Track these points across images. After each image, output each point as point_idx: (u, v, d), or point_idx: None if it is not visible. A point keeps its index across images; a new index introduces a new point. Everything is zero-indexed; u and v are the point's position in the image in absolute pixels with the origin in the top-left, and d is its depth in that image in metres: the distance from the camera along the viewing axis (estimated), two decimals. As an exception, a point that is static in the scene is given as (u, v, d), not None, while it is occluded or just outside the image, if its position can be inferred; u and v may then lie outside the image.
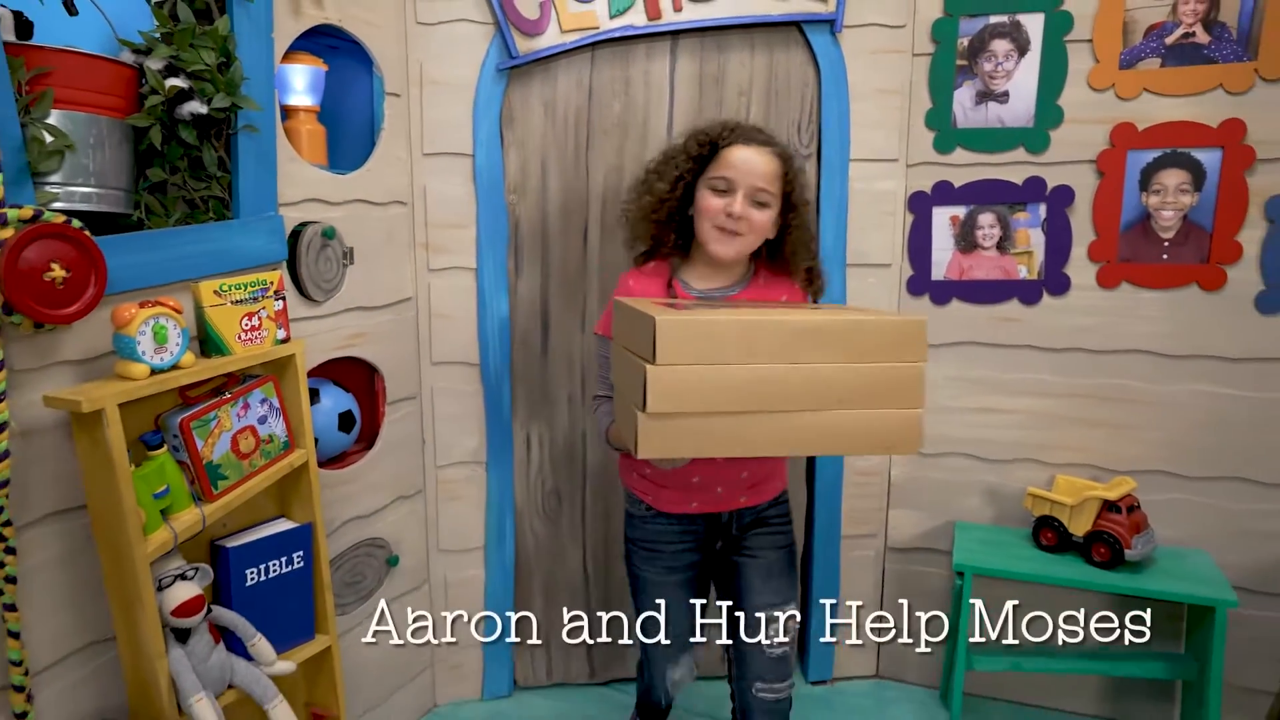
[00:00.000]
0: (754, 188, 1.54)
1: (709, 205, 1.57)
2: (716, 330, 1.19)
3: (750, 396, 1.20)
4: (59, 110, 1.35)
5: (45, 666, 1.36)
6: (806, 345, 1.21)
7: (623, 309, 1.40)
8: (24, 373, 1.29)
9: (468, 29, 2.03)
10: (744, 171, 1.54)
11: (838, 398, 1.22)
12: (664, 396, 1.17)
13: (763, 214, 1.57)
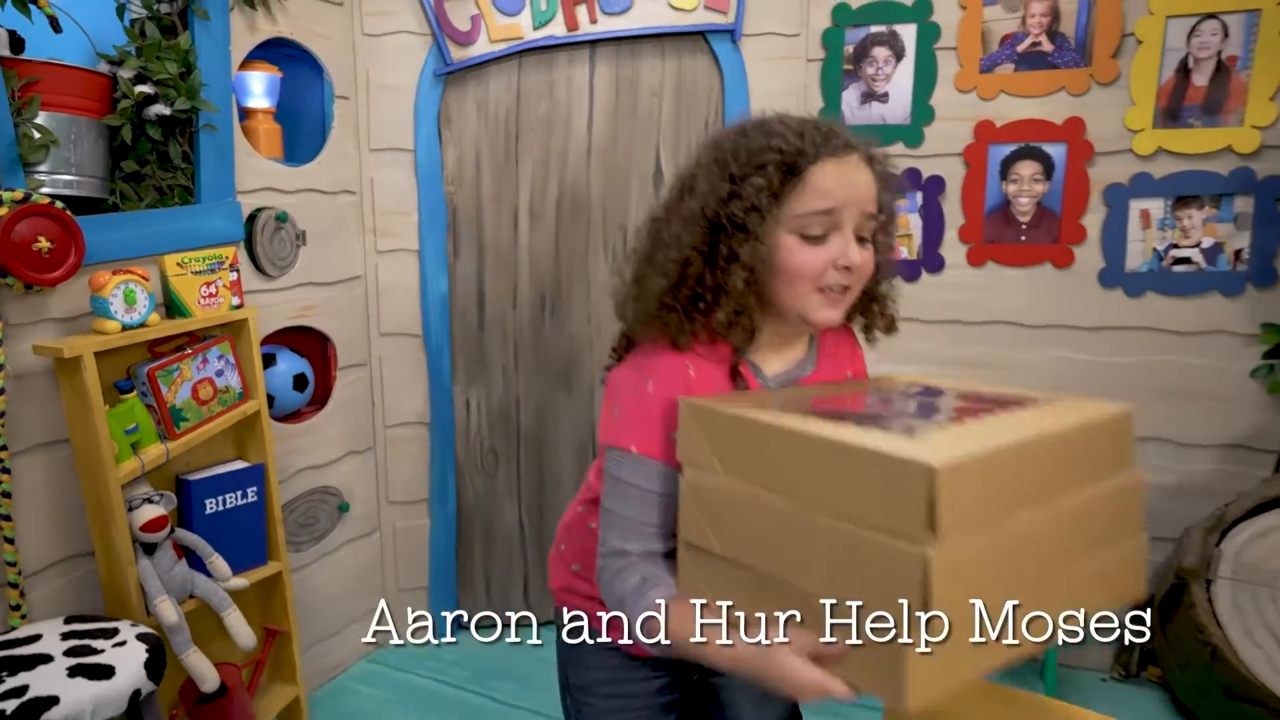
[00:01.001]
0: (862, 217, 0.98)
1: (806, 262, 0.96)
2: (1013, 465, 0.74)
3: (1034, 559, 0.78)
4: (45, 112, 1.64)
5: (35, 571, 1.65)
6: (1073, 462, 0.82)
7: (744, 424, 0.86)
8: (17, 326, 1.57)
9: (408, 39, 2.31)
10: (846, 195, 0.96)
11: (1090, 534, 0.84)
12: (957, 597, 0.70)
13: (869, 251, 1.00)
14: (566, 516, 1.24)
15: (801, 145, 0.94)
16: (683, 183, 1.02)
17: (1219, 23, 2.10)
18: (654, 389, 0.98)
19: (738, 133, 0.99)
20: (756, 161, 0.95)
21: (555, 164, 2.45)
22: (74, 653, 1.48)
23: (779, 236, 0.96)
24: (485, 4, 2.30)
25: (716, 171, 0.97)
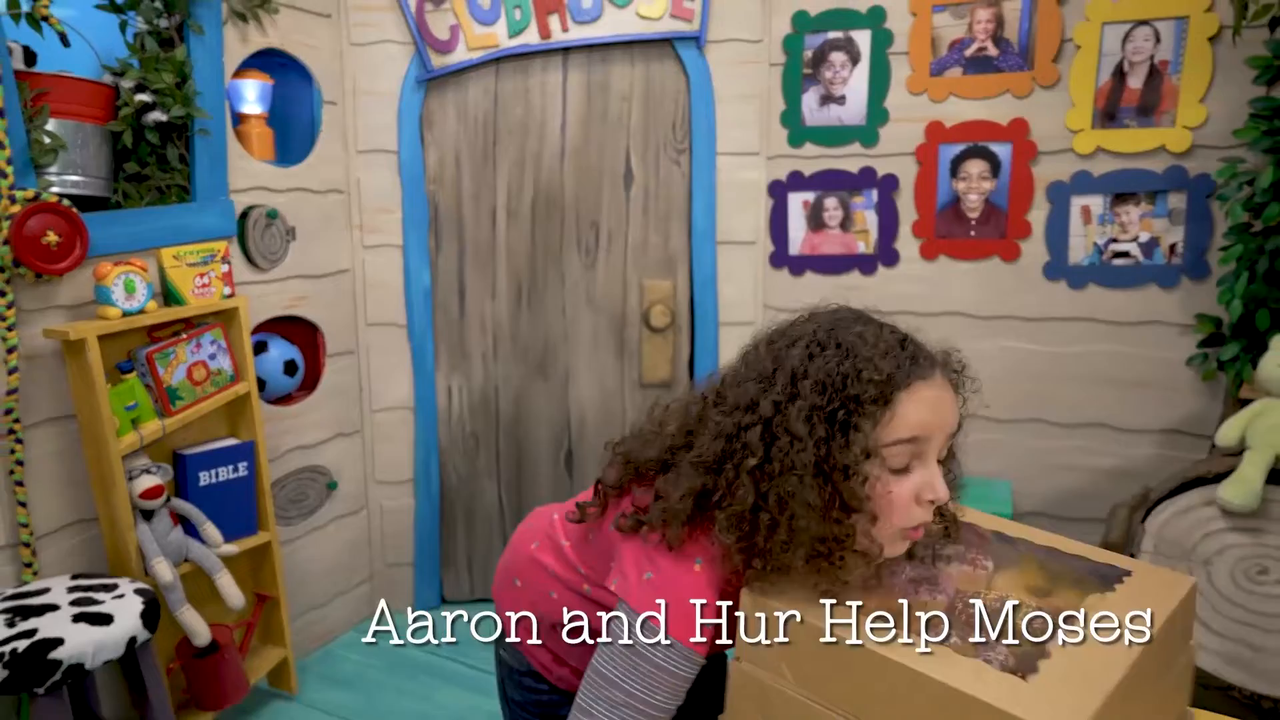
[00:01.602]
0: (950, 434, 0.94)
1: (897, 500, 0.88)
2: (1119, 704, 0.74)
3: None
4: (55, 119, 1.82)
5: (45, 533, 1.82)
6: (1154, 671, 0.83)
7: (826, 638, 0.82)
8: (29, 312, 1.75)
9: (392, 48, 2.48)
10: (937, 424, 0.90)
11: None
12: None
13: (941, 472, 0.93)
14: (521, 546, 1.18)
15: (893, 371, 0.87)
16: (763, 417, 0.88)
17: (1151, 29, 2.22)
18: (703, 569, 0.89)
19: (810, 353, 0.89)
20: (852, 394, 0.85)
21: (531, 165, 2.61)
22: (78, 603, 1.66)
23: (868, 468, 0.86)
24: (463, 14, 2.45)
25: (808, 409, 0.86)
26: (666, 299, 2.68)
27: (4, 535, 1.76)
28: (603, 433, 2.73)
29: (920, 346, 0.93)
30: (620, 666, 0.88)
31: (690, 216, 2.64)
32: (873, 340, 0.90)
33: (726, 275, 2.69)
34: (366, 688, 2.36)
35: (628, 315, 2.71)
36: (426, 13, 2.44)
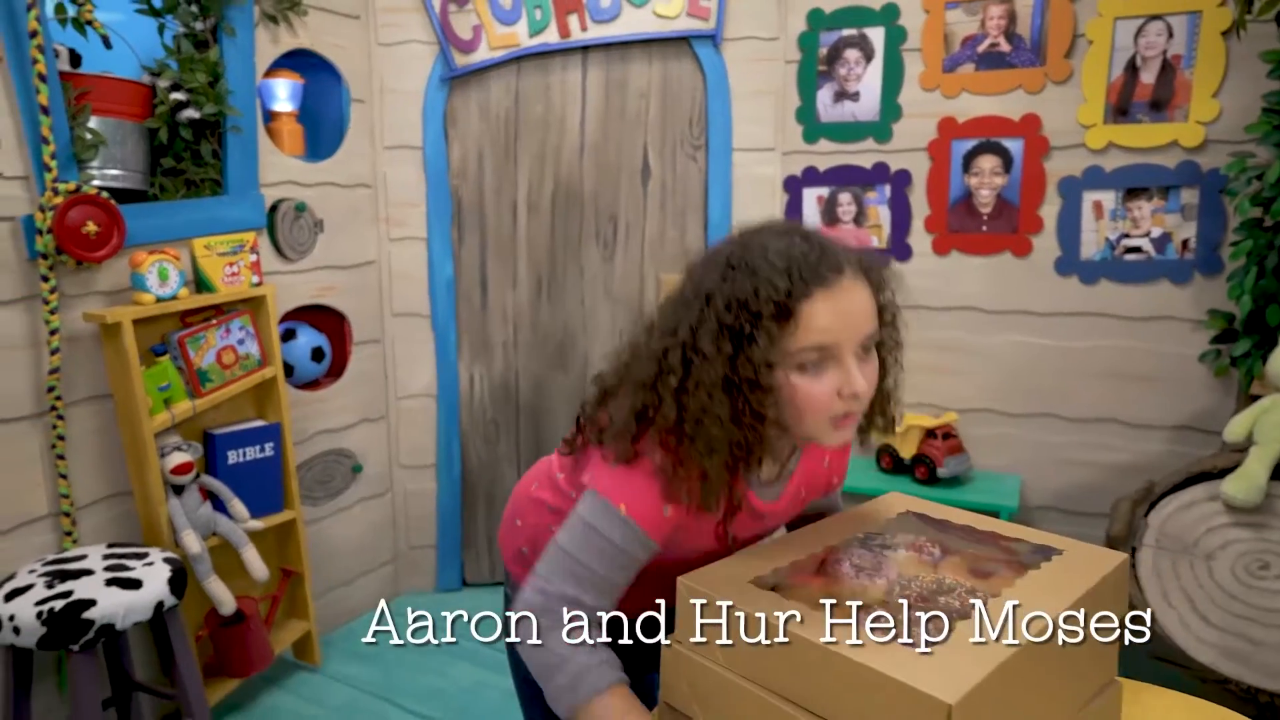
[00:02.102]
0: (864, 338, 0.95)
1: (812, 398, 0.94)
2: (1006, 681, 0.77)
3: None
4: (96, 116, 1.94)
5: (84, 505, 1.95)
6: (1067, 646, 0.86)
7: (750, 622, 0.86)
8: (70, 297, 1.87)
9: (418, 48, 2.57)
10: (843, 328, 0.93)
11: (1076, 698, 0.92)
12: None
13: (873, 363, 0.99)
14: (523, 489, 1.23)
15: (789, 283, 0.91)
16: (683, 341, 0.95)
17: (1164, 24, 2.22)
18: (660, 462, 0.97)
19: (723, 275, 0.94)
20: (751, 311, 0.91)
21: (551, 160, 2.68)
22: (111, 569, 1.77)
23: (783, 375, 0.93)
24: (485, 14, 2.54)
25: (713, 326, 0.93)
26: (682, 292, 2.73)
27: (46, 505, 1.88)
28: (618, 422, 2.80)
29: (827, 253, 0.94)
30: (578, 540, 0.97)
31: (706, 211, 2.70)
32: (775, 255, 0.93)
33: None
34: (385, 663, 2.45)
35: (644, 307, 2.77)
36: (450, 13, 2.53)
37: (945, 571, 0.97)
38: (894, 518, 1.13)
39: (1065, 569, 0.95)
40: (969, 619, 0.84)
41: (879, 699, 0.75)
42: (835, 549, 1.03)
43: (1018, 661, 0.78)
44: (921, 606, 0.88)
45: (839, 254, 0.95)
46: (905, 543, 1.07)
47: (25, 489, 1.85)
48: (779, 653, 0.83)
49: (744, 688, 0.86)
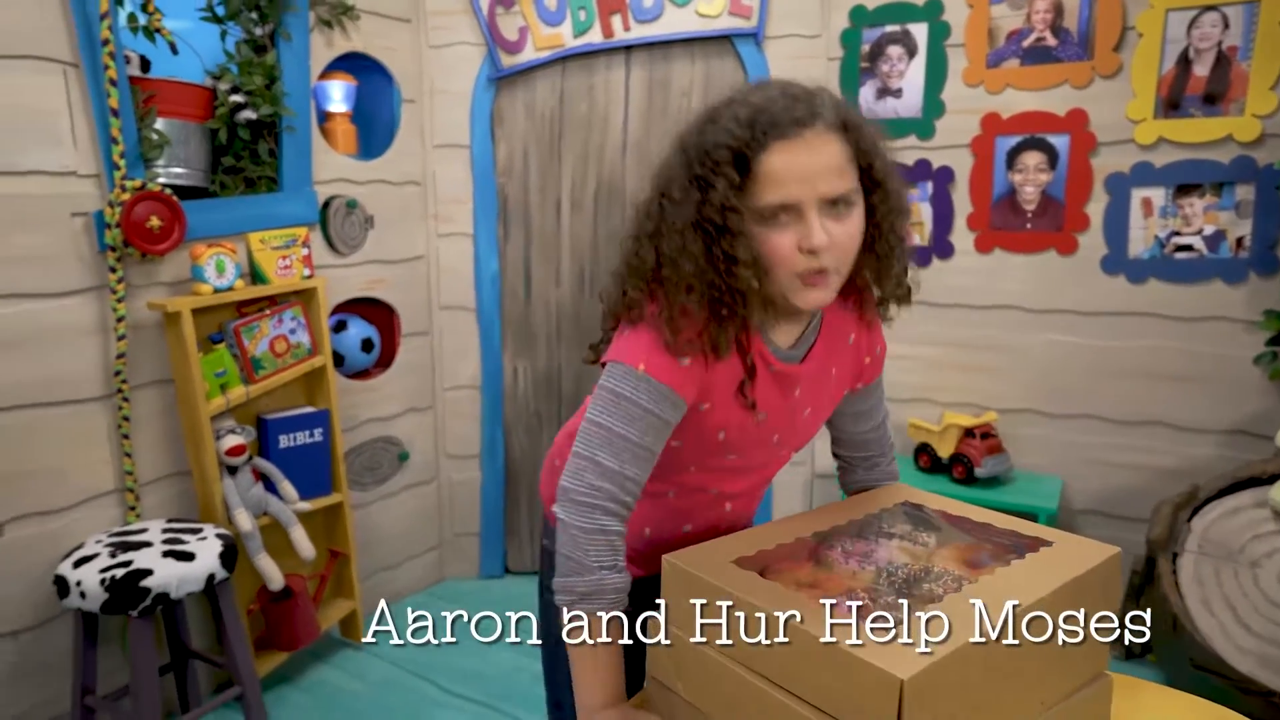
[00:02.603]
0: (825, 197, 0.93)
1: (775, 251, 0.94)
2: (966, 663, 0.78)
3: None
4: (162, 118, 2.06)
5: (146, 482, 2.08)
6: (1041, 630, 0.85)
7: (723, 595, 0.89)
8: (135, 287, 2.00)
9: (466, 50, 2.65)
10: (801, 181, 0.92)
11: (1054, 690, 0.91)
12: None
13: (849, 223, 0.95)
14: (562, 433, 1.23)
15: (750, 135, 0.91)
16: (660, 190, 0.98)
17: (1219, 14, 2.15)
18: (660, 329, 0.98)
19: (698, 127, 0.96)
20: (712, 160, 0.92)
21: (594, 158, 2.74)
22: (168, 542, 1.89)
23: (753, 230, 0.93)
24: (531, 16, 2.61)
25: (684, 175, 0.95)
26: (722, 288, 2.75)
27: (113, 481, 2.02)
28: (658, 416, 2.84)
29: (798, 104, 0.92)
30: (608, 410, 0.97)
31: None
32: (745, 106, 0.93)
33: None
34: (427, 644, 2.54)
35: (684, 303, 2.80)
36: (497, 15, 2.61)
37: (936, 560, 0.98)
38: (891, 507, 1.14)
39: (1052, 559, 0.95)
40: (939, 602, 0.85)
41: (840, 674, 0.77)
42: (828, 535, 1.05)
43: (985, 646, 0.79)
44: (904, 591, 0.90)
45: (814, 105, 0.93)
46: (900, 532, 1.09)
47: (94, 466, 1.98)
48: (752, 629, 0.86)
49: (722, 663, 0.89)
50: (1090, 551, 0.96)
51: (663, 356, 0.97)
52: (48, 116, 1.85)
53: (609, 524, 0.98)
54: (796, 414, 1.13)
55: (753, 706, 0.86)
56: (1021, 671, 0.86)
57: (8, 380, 1.82)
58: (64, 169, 1.88)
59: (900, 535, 1.08)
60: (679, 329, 0.97)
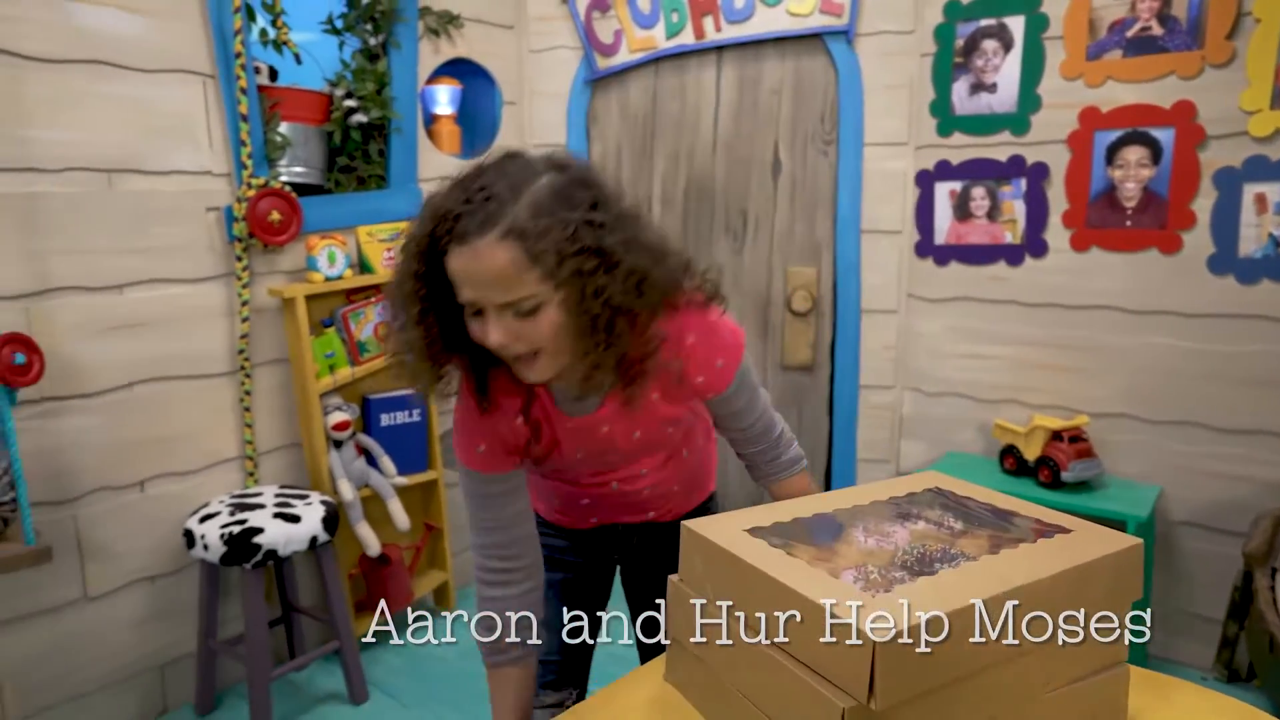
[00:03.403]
0: (500, 301, 0.96)
1: (475, 337, 1.01)
2: (953, 628, 0.80)
3: (973, 708, 0.86)
4: (285, 122, 2.27)
5: (264, 451, 2.30)
6: (1038, 615, 0.87)
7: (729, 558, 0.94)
8: (258, 275, 2.22)
9: (564, 54, 2.78)
10: (473, 287, 0.96)
11: (1054, 674, 0.91)
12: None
13: (540, 322, 0.97)
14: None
15: (433, 231, 0.96)
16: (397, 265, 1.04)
17: (1344, -2, 2.01)
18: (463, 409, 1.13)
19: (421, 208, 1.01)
20: (413, 249, 0.99)
21: (684, 156, 2.81)
22: (279, 506, 2.10)
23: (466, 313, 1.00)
24: (626, 19, 2.71)
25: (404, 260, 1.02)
26: (809, 285, 2.78)
27: (235, 449, 2.25)
28: (742, 410, 2.88)
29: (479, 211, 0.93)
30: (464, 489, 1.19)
31: (835, 205, 2.72)
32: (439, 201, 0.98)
33: (870, 263, 2.74)
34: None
35: (772, 299, 2.84)
36: (594, 20, 2.72)
37: (960, 545, 1.00)
38: (921, 492, 1.17)
39: (1064, 546, 0.96)
40: (933, 576, 0.89)
41: (823, 635, 0.80)
42: (852, 514, 1.09)
43: (970, 620, 0.81)
44: (913, 570, 0.94)
45: (489, 214, 0.93)
46: (928, 516, 1.12)
47: (220, 434, 2.21)
48: (749, 590, 0.91)
49: (724, 622, 0.94)
50: (1106, 541, 0.97)
51: (465, 448, 1.13)
52: (189, 122, 2.08)
53: (496, 592, 1.18)
54: (621, 439, 1.19)
55: (746, 661, 0.91)
56: (1019, 650, 0.88)
57: (151, 355, 2.07)
58: (200, 169, 2.11)
59: (927, 519, 1.10)
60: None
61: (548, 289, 0.96)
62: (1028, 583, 0.86)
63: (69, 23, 1.88)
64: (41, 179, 1.86)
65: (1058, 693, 0.93)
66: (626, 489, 1.27)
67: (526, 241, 0.93)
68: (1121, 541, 0.96)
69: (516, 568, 1.17)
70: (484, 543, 1.16)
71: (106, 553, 2.03)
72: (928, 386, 2.72)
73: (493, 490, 1.14)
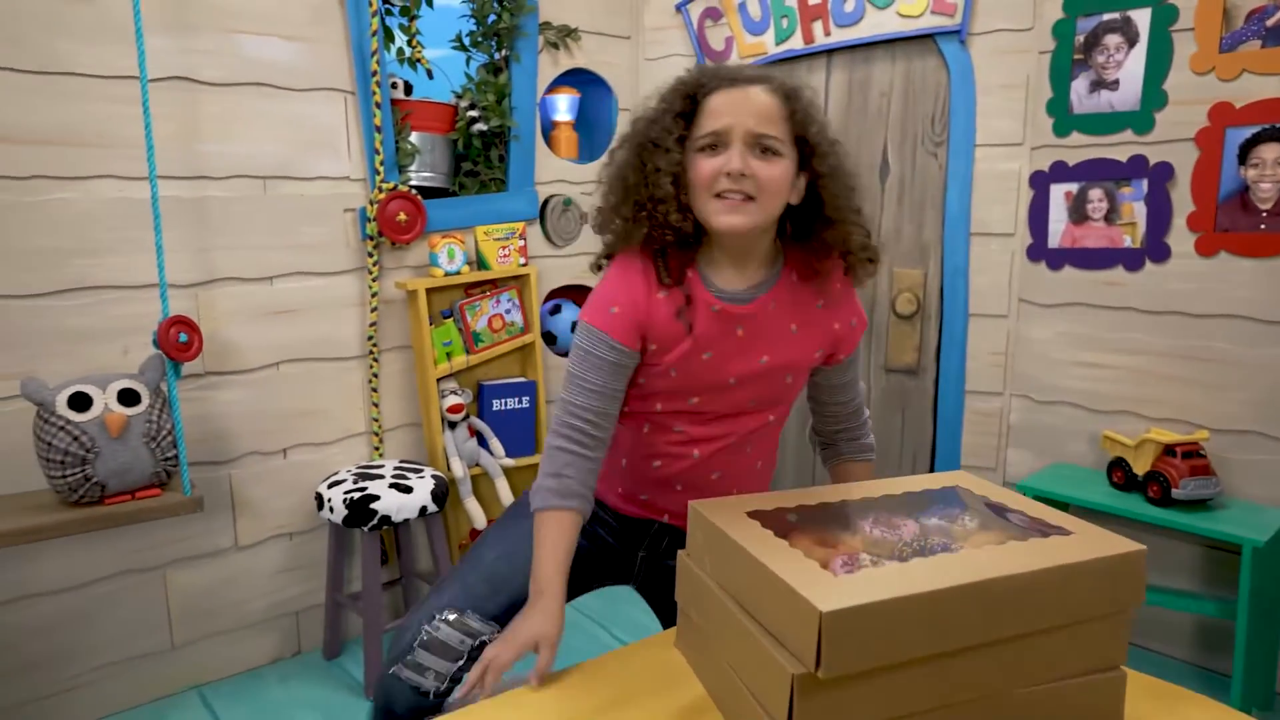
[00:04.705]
0: (752, 133, 1.11)
1: (700, 172, 1.13)
2: (907, 612, 0.84)
3: (934, 692, 0.89)
4: (415, 132, 2.52)
5: (388, 429, 2.56)
6: (1008, 610, 0.89)
7: (720, 534, 1.02)
8: (386, 269, 2.48)
9: (678, 60, 2.89)
10: (734, 115, 1.11)
11: (1031, 671, 0.93)
12: (822, 718, 0.85)
13: (774, 166, 1.12)
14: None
15: (701, 79, 1.16)
16: (633, 122, 1.22)
17: None
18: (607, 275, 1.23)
19: (674, 79, 1.20)
20: (668, 92, 1.18)
21: (791, 158, 2.85)
22: (395, 477, 2.33)
23: (691, 158, 1.15)
24: (736, 26, 2.78)
25: (648, 107, 1.20)
26: (915, 287, 2.76)
27: (364, 425, 2.51)
28: (844, 411, 2.89)
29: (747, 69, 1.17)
30: (571, 357, 1.22)
31: (944, 207, 2.69)
32: (709, 66, 1.20)
33: (979, 266, 2.68)
34: (612, 596, 2.83)
35: (877, 300, 2.84)
36: (706, 28, 2.81)
37: (970, 541, 1.03)
38: (940, 489, 1.20)
39: (1057, 545, 0.97)
40: (906, 563, 0.93)
41: (785, 605, 0.86)
42: (865, 505, 1.14)
43: (930, 603, 0.85)
44: (907, 559, 0.99)
45: (765, 74, 1.16)
46: (943, 512, 1.15)
47: (351, 411, 2.49)
48: (735, 564, 0.99)
49: (716, 592, 1.03)
50: (1104, 545, 0.97)
51: (598, 307, 1.19)
52: (332, 134, 2.35)
53: (572, 448, 1.21)
54: (749, 358, 1.24)
55: (731, 632, 0.98)
56: (988, 641, 0.90)
57: (296, 338, 2.36)
58: (341, 174, 2.38)
59: (941, 516, 1.14)
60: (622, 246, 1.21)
61: (789, 148, 1.15)
62: (1000, 576, 0.89)
63: (239, 52, 2.18)
64: (210, 185, 2.18)
65: (1038, 689, 0.95)
66: (704, 459, 1.30)
67: (790, 102, 1.15)
68: (1121, 546, 0.97)
69: (600, 437, 1.21)
70: (579, 402, 1.20)
71: (254, 509, 2.34)
72: (1038, 394, 2.63)
73: (608, 357, 1.19)
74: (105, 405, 1.85)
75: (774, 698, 0.86)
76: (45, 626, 2.05)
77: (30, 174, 1.93)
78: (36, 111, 1.92)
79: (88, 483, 1.83)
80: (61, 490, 1.84)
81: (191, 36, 2.10)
